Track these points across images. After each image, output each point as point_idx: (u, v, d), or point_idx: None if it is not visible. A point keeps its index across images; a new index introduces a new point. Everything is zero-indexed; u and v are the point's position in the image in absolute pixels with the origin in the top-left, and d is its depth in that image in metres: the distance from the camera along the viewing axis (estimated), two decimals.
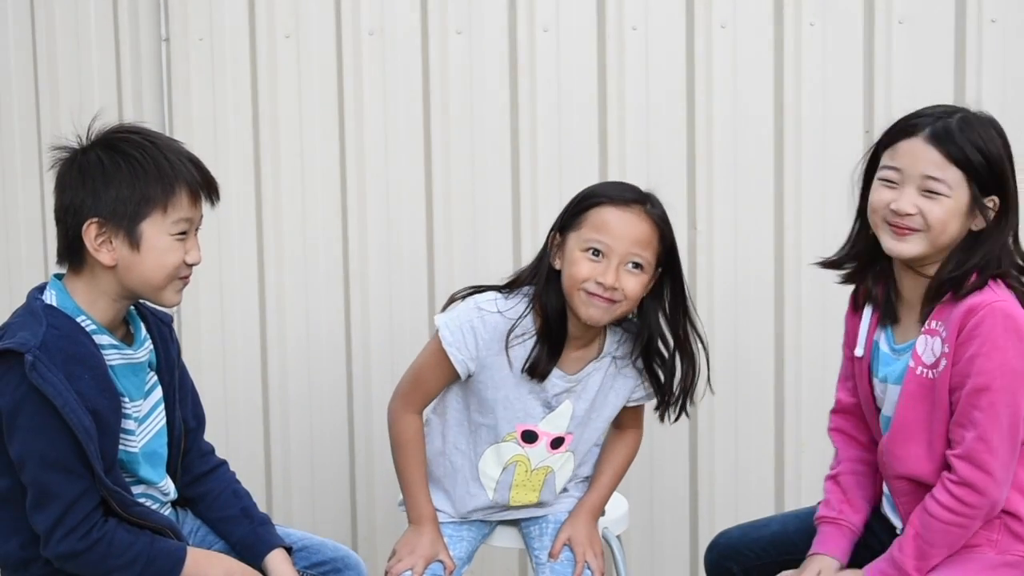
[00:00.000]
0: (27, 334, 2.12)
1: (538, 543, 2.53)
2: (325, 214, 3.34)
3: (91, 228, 2.16)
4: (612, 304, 2.37)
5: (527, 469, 2.52)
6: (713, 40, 3.02)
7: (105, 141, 2.22)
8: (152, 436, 2.29)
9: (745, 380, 3.09)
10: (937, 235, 2.16)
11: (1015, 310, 2.12)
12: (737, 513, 3.07)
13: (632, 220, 2.37)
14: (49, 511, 2.12)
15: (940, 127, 2.17)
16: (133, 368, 2.25)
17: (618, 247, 2.35)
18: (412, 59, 3.23)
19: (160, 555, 2.21)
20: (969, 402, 2.11)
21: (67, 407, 2.09)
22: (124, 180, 2.16)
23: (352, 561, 2.50)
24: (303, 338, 3.40)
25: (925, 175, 2.16)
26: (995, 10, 2.85)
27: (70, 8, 3.51)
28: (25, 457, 2.12)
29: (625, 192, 2.41)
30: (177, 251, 2.21)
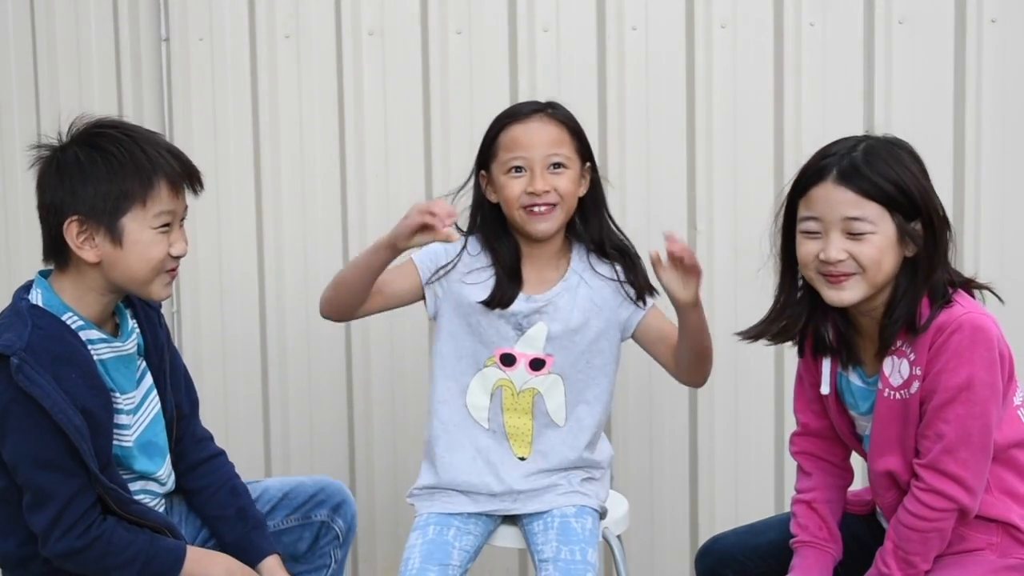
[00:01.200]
0: (12, 335, 2.11)
1: (541, 538, 2.51)
2: (325, 213, 3.34)
3: (72, 226, 2.16)
4: (552, 208, 2.49)
5: (512, 392, 2.56)
6: (713, 40, 3.02)
7: (83, 137, 2.21)
8: (147, 425, 2.29)
9: (745, 380, 3.09)
10: (874, 275, 2.13)
11: (983, 320, 2.10)
12: (737, 513, 3.07)
13: (537, 127, 2.51)
14: (46, 511, 2.12)
15: (846, 165, 2.13)
16: (123, 360, 2.25)
17: (534, 154, 2.49)
18: (412, 59, 3.23)
19: (160, 553, 2.21)
20: (936, 415, 2.10)
21: (56, 408, 2.08)
22: (102, 176, 2.16)
23: (332, 489, 2.53)
24: (303, 337, 3.40)
25: (845, 217, 2.12)
26: (995, 10, 2.85)
27: (70, 8, 3.51)
28: (18, 459, 2.12)
29: (523, 107, 2.56)
30: (161, 244, 2.19)
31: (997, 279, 2.83)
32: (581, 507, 2.54)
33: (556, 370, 2.57)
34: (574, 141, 2.53)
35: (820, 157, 2.18)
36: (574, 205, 2.54)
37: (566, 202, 2.51)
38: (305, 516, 2.50)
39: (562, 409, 2.57)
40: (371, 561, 3.42)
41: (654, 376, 3.13)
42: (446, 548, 2.47)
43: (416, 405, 3.28)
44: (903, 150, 2.17)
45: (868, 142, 2.17)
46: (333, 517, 2.52)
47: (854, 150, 2.15)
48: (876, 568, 2.18)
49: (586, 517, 2.53)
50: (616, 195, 3.11)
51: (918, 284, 2.13)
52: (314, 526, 2.51)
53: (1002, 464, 2.16)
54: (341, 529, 2.53)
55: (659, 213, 3.09)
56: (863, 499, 2.40)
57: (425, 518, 2.54)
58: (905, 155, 2.16)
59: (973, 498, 2.10)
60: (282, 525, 2.49)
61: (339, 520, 2.53)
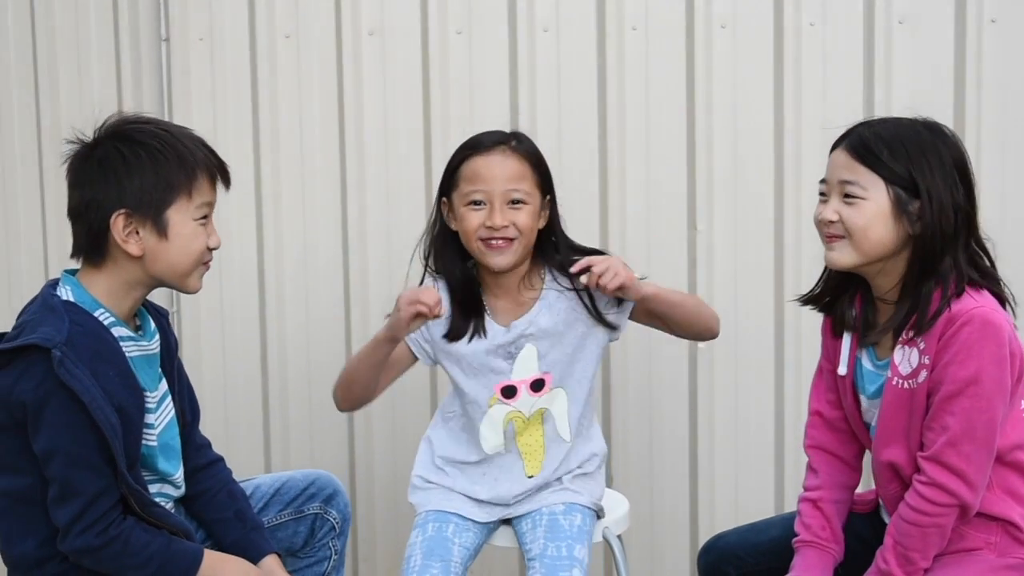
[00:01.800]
0: (50, 329, 2.12)
1: (530, 536, 2.52)
2: (325, 214, 3.34)
3: (119, 220, 2.17)
4: (510, 243, 2.49)
5: (523, 420, 2.58)
6: (713, 40, 3.02)
7: (118, 133, 2.22)
8: (165, 427, 2.30)
9: (745, 380, 3.09)
10: (860, 240, 2.14)
11: (995, 316, 2.10)
12: (737, 513, 3.07)
13: (498, 160, 2.51)
14: (71, 506, 2.12)
15: (857, 131, 2.18)
16: (148, 359, 2.27)
17: (494, 188, 2.49)
18: (412, 59, 3.23)
19: (176, 556, 2.22)
20: (942, 407, 2.10)
21: (94, 404, 2.09)
22: (147, 169, 2.17)
23: (322, 481, 2.55)
24: (303, 337, 3.40)
25: (840, 180, 2.16)
26: (995, 10, 2.85)
27: (70, 8, 3.51)
28: (52, 452, 2.12)
29: (486, 138, 2.54)
30: (201, 236, 2.24)
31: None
32: (571, 504, 2.54)
33: (556, 384, 2.58)
34: (535, 175, 2.54)
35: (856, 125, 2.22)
36: (533, 239, 2.54)
37: (524, 237, 2.51)
38: (298, 510, 2.51)
39: (564, 418, 2.58)
40: (371, 561, 3.42)
41: (654, 376, 3.14)
42: (446, 544, 2.48)
43: (416, 406, 3.28)
44: (932, 132, 2.16)
45: (902, 119, 2.18)
46: (326, 508, 2.53)
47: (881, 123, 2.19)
48: (876, 565, 2.18)
49: (575, 514, 2.53)
50: (616, 195, 3.12)
51: (923, 267, 2.13)
52: (308, 519, 2.52)
53: (1006, 465, 2.16)
54: (336, 520, 2.54)
55: (659, 213, 3.09)
56: (866, 498, 2.39)
57: (424, 516, 2.56)
58: (929, 136, 2.15)
59: (974, 494, 2.10)
60: (276, 520, 2.50)
61: (332, 511, 2.54)
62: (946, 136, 2.17)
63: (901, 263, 2.17)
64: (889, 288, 2.19)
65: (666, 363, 3.12)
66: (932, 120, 2.20)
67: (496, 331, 2.56)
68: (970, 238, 2.18)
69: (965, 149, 2.19)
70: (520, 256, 2.52)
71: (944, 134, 2.17)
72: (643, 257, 3.10)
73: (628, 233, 3.12)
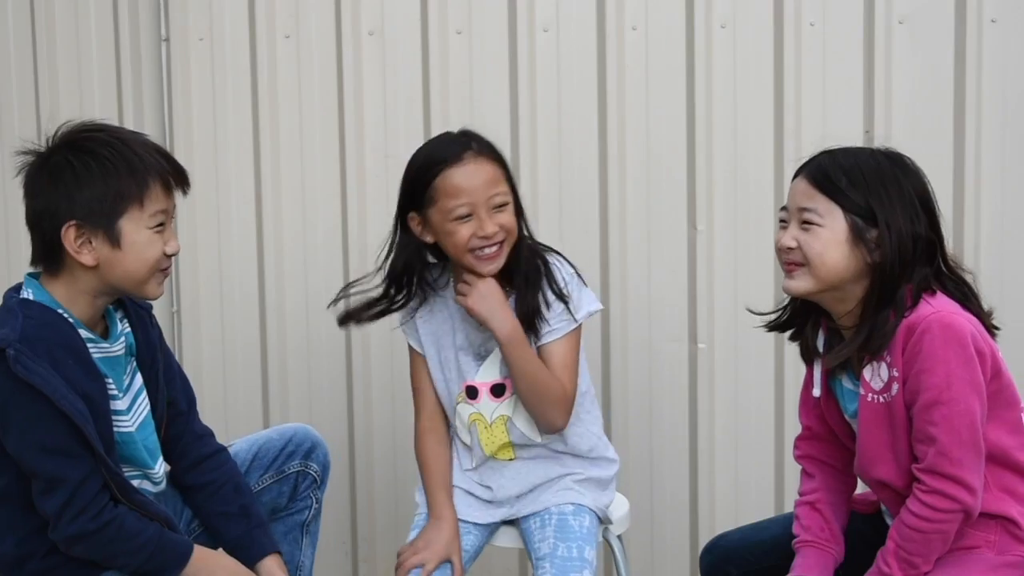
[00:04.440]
0: (6, 330, 2.12)
1: (538, 535, 2.52)
2: (325, 214, 3.34)
3: (70, 231, 2.16)
4: (500, 248, 2.48)
5: (485, 425, 2.56)
6: (713, 40, 3.02)
7: (70, 142, 2.21)
8: (137, 427, 2.29)
9: (745, 380, 3.09)
10: (817, 267, 2.15)
11: (954, 318, 2.10)
12: (737, 513, 3.07)
13: (474, 169, 2.47)
14: (57, 495, 2.12)
15: (818, 160, 2.19)
16: (111, 361, 2.25)
17: (478, 198, 2.45)
18: (412, 59, 3.23)
19: (168, 546, 2.22)
20: (923, 418, 2.11)
21: (57, 394, 2.09)
22: (96, 179, 2.16)
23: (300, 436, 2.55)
24: (303, 336, 3.40)
25: (799, 207, 2.17)
26: (995, 10, 2.85)
27: (70, 8, 3.51)
28: (23, 449, 2.12)
29: (451, 147, 2.50)
30: (156, 244, 2.21)
31: (997, 278, 2.85)
32: (579, 506, 2.54)
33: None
34: (504, 172, 2.52)
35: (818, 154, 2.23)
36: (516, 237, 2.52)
37: (512, 236, 2.49)
38: (279, 471, 2.52)
39: (530, 425, 2.56)
40: (371, 561, 3.42)
41: (654, 376, 3.14)
42: None
43: None
44: (893, 162, 2.17)
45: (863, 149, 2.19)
46: (307, 463, 2.54)
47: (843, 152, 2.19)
48: (877, 567, 2.17)
49: (584, 516, 2.52)
50: (616, 195, 3.12)
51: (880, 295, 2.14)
52: (290, 478, 2.53)
53: (1003, 464, 2.17)
54: (316, 472, 2.55)
55: (659, 213, 3.09)
56: (869, 499, 2.40)
57: (424, 516, 2.56)
58: (889, 167, 2.16)
59: (975, 497, 2.10)
60: (259, 485, 2.50)
61: (313, 464, 2.54)
62: (907, 167, 2.19)
63: (859, 290, 2.17)
64: (846, 314, 2.20)
65: (666, 363, 3.12)
66: (894, 151, 2.21)
67: (471, 327, 2.54)
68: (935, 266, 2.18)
69: (928, 180, 2.20)
70: (507, 256, 2.50)
71: (905, 165, 2.19)
72: (643, 257, 3.11)
73: (628, 233, 3.12)
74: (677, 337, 3.11)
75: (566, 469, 2.58)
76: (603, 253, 3.13)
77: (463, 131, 2.54)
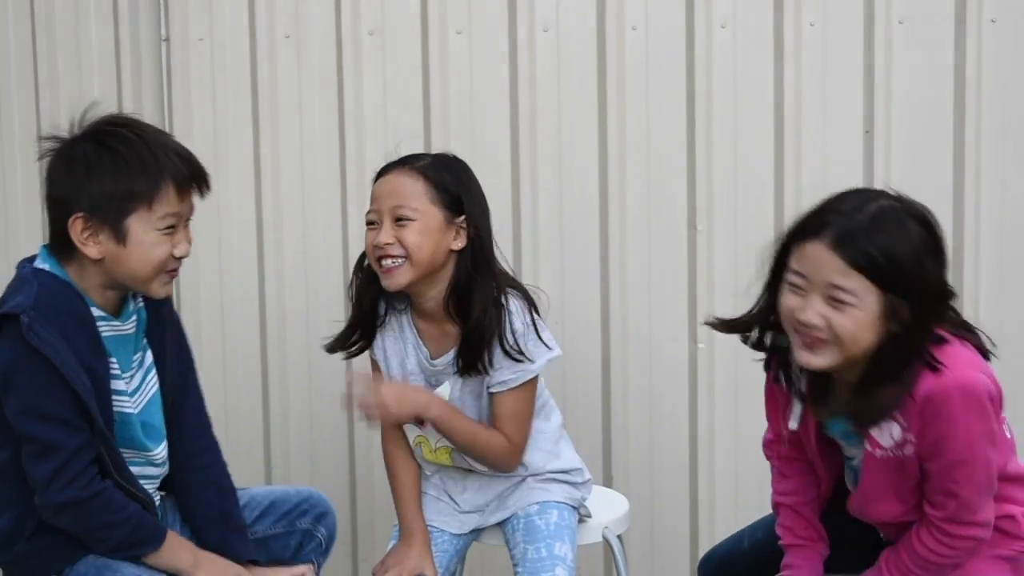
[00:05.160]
0: (21, 298, 2.13)
1: (512, 541, 2.54)
2: (325, 214, 3.34)
3: (77, 223, 2.16)
4: (400, 263, 2.40)
5: (431, 449, 2.56)
6: (713, 40, 3.02)
7: (94, 133, 2.21)
8: (144, 406, 2.29)
9: (745, 380, 3.08)
10: (849, 348, 2.03)
11: (971, 381, 2.02)
12: (737, 513, 3.06)
13: (389, 179, 2.46)
14: (50, 460, 2.13)
15: (845, 228, 2.01)
16: (119, 340, 2.25)
17: (382, 207, 2.43)
18: (412, 59, 3.23)
19: (147, 524, 2.23)
20: (945, 476, 2.07)
21: (66, 366, 2.10)
22: (108, 175, 2.15)
23: (315, 499, 2.54)
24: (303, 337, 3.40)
25: (829, 283, 2.01)
26: (995, 10, 2.85)
27: (70, 8, 3.51)
28: (24, 412, 2.13)
29: (396, 161, 2.48)
30: (164, 245, 2.19)
31: (996, 280, 2.85)
32: (544, 503, 2.53)
33: None
34: (432, 192, 2.42)
35: (825, 211, 2.07)
36: (427, 260, 2.41)
37: (415, 255, 2.39)
38: (290, 523, 2.50)
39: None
40: (371, 561, 3.41)
41: (654, 377, 3.14)
42: None
43: None
44: (915, 219, 2.04)
45: (880, 205, 2.04)
46: (316, 526, 2.53)
47: (860, 212, 2.02)
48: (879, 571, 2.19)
49: (550, 511, 2.52)
50: (616, 195, 3.12)
51: (897, 362, 2.03)
52: (298, 533, 2.51)
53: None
54: (324, 536, 2.54)
55: (659, 213, 3.09)
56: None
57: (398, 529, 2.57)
58: (915, 226, 2.03)
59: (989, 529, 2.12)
60: (270, 531, 2.50)
61: (322, 528, 2.53)
62: (932, 226, 2.07)
63: (867, 352, 2.06)
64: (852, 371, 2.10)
65: (666, 363, 3.12)
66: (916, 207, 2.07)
67: (423, 357, 2.52)
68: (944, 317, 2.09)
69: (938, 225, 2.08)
70: (414, 276, 2.41)
71: (931, 224, 2.06)
72: (643, 257, 3.10)
73: (628, 233, 3.12)
74: (677, 337, 3.11)
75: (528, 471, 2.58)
76: (603, 253, 3.13)
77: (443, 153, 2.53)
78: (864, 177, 2.93)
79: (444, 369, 2.50)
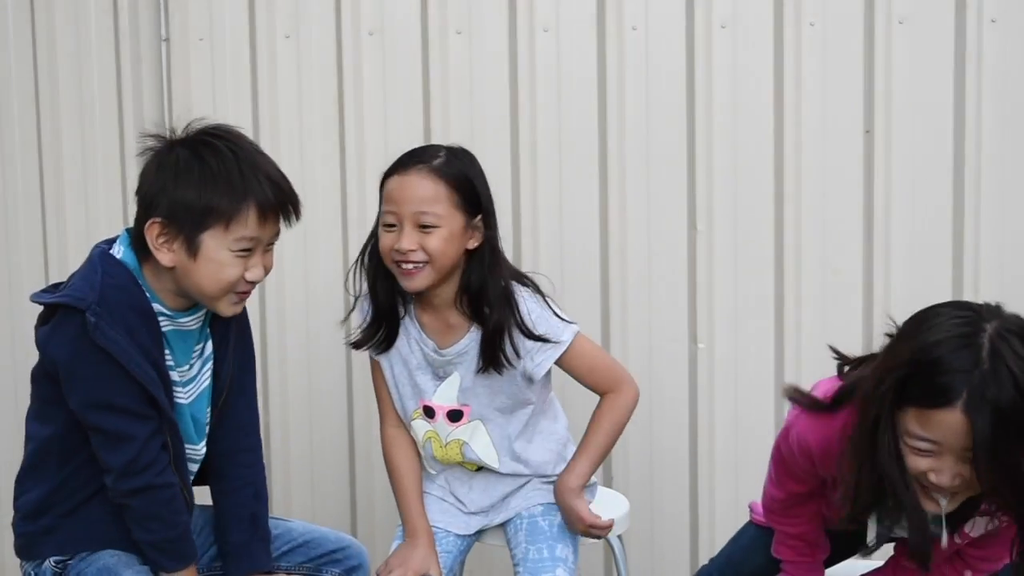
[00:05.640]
0: (84, 286, 2.12)
1: (513, 541, 2.54)
2: (325, 213, 3.34)
3: (154, 227, 2.15)
4: (420, 268, 2.39)
5: (440, 444, 2.54)
6: (713, 40, 3.02)
7: (192, 140, 2.21)
8: (195, 398, 2.29)
9: (745, 380, 3.09)
10: (974, 490, 1.91)
11: None
12: (737, 513, 3.06)
13: (412, 182, 2.41)
14: (124, 450, 2.15)
15: (980, 395, 1.82)
16: (182, 334, 2.25)
17: (404, 211, 2.40)
18: (412, 59, 3.23)
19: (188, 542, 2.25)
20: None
21: (132, 363, 2.11)
22: (193, 185, 2.13)
23: (352, 551, 2.51)
24: (303, 337, 3.40)
25: (963, 447, 1.85)
26: (995, 10, 2.85)
27: (70, 8, 3.51)
28: (91, 405, 2.13)
29: (411, 156, 2.46)
30: (236, 267, 2.16)
31: (996, 280, 2.85)
32: (548, 504, 2.54)
33: (475, 416, 2.53)
34: (454, 197, 2.41)
35: (937, 365, 1.85)
36: (449, 264, 2.42)
37: (438, 261, 2.39)
38: (317, 568, 2.48)
39: (491, 449, 2.54)
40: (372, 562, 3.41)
41: (654, 376, 3.13)
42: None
43: None
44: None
45: (992, 336, 1.84)
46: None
47: (981, 363, 1.82)
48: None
49: (554, 513, 2.53)
50: (616, 196, 3.12)
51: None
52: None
53: None
54: None
55: (659, 213, 3.09)
56: None
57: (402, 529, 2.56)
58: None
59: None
60: (293, 570, 2.47)
61: None
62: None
63: None
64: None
65: (666, 363, 3.12)
66: (1019, 325, 1.90)
67: (429, 349, 2.51)
68: None
69: None
70: (435, 279, 2.41)
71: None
72: (643, 257, 3.10)
73: (628, 233, 3.12)
74: (677, 337, 3.10)
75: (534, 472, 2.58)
76: (603, 253, 3.13)
77: (452, 147, 2.49)
78: (864, 177, 2.93)
79: (454, 359, 2.49)
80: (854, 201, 2.95)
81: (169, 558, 2.23)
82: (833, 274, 2.97)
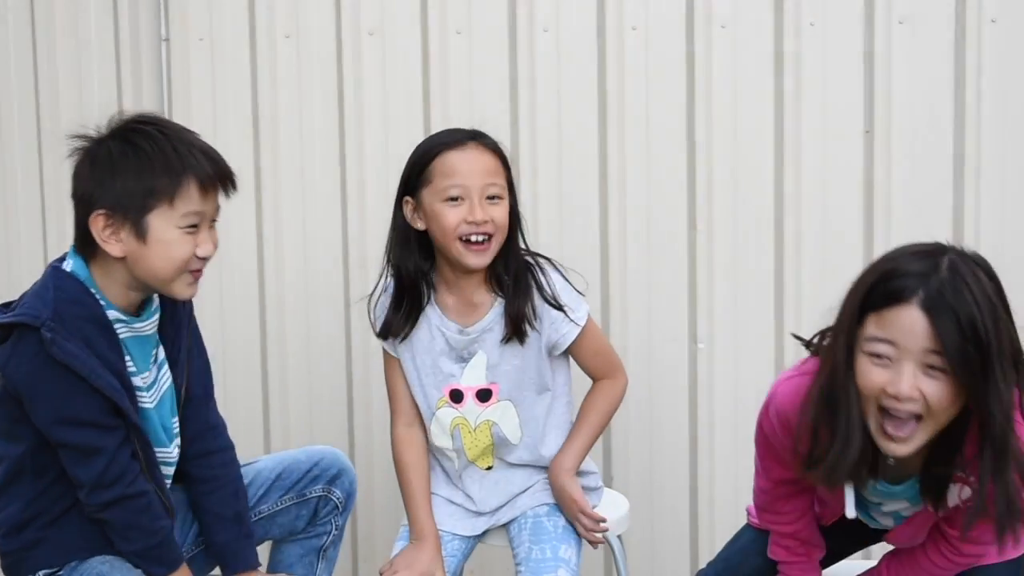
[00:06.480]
0: (38, 303, 2.13)
1: (517, 540, 2.54)
2: (325, 213, 3.34)
3: (98, 219, 2.16)
4: (489, 241, 2.44)
5: (469, 430, 2.54)
6: (713, 40, 3.02)
7: (119, 131, 2.21)
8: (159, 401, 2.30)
9: (745, 379, 3.09)
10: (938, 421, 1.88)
11: None
12: (737, 513, 3.06)
13: (474, 155, 2.46)
14: (93, 463, 2.15)
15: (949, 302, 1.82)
16: (140, 341, 2.26)
17: (473, 183, 2.43)
18: (412, 59, 3.23)
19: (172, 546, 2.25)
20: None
21: (94, 374, 2.11)
22: (131, 171, 2.15)
23: (327, 461, 2.52)
24: (303, 337, 3.40)
25: (924, 349, 1.84)
26: (995, 10, 2.85)
27: (70, 8, 3.52)
28: (53, 422, 2.14)
29: (455, 134, 2.49)
30: (186, 244, 2.19)
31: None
32: (553, 505, 2.55)
33: (504, 396, 2.53)
34: (505, 172, 2.50)
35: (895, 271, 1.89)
36: (504, 236, 2.48)
37: (500, 234, 2.46)
38: (300, 494, 2.49)
39: (517, 430, 2.55)
40: (371, 561, 3.42)
41: (654, 376, 3.14)
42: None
43: None
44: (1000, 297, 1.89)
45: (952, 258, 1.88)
46: (330, 489, 2.51)
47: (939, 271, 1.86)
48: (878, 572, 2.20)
49: (559, 515, 2.53)
50: (616, 196, 3.12)
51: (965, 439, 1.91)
52: (311, 502, 2.50)
53: None
54: (339, 499, 2.53)
55: (659, 213, 3.09)
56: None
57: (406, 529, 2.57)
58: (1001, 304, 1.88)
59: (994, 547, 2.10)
60: (277, 506, 2.49)
61: (336, 491, 2.52)
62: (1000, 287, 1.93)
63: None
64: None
65: (666, 363, 3.12)
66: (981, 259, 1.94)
67: (452, 331, 2.52)
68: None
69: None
70: (495, 254, 2.46)
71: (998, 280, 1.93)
72: (643, 257, 3.10)
73: (628, 233, 3.12)
74: (677, 337, 3.11)
75: (542, 474, 2.59)
76: (603, 253, 3.13)
77: (474, 130, 2.53)
78: (864, 177, 2.93)
79: (478, 336, 2.50)
80: (854, 201, 2.95)
81: (156, 564, 2.23)
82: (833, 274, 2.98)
